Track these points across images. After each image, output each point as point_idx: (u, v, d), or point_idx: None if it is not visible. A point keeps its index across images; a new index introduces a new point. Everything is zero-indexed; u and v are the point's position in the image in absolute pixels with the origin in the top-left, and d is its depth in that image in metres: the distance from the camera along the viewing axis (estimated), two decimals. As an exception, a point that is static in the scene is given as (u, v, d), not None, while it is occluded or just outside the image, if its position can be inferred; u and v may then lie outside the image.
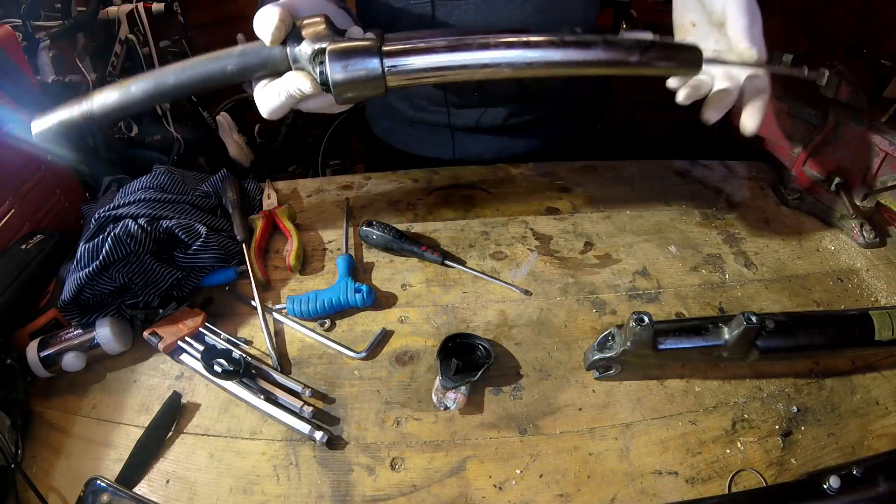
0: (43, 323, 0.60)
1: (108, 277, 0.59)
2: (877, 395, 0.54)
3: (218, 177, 0.76)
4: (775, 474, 0.48)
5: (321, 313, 0.61)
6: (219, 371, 0.53)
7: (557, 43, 0.46)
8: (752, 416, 0.52)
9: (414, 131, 0.93)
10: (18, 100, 0.69)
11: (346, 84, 0.46)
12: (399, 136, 0.96)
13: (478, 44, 0.46)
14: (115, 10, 1.70)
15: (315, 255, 0.71)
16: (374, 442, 0.51)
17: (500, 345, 0.59)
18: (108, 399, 0.56)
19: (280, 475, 0.49)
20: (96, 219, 0.61)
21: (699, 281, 0.66)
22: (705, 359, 0.53)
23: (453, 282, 0.66)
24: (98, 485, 0.45)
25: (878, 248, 0.71)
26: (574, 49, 0.47)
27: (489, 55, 0.46)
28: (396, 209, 0.78)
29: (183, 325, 0.59)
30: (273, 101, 0.49)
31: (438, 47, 0.46)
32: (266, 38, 0.47)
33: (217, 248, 0.64)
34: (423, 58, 0.46)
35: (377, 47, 0.46)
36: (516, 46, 0.46)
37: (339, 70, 0.46)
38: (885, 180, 0.67)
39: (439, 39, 0.47)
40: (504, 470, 0.49)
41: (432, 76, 0.47)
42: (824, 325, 0.53)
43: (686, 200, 0.79)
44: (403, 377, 0.57)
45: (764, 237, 0.73)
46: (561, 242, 0.71)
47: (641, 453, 0.50)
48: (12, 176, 0.68)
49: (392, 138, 0.98)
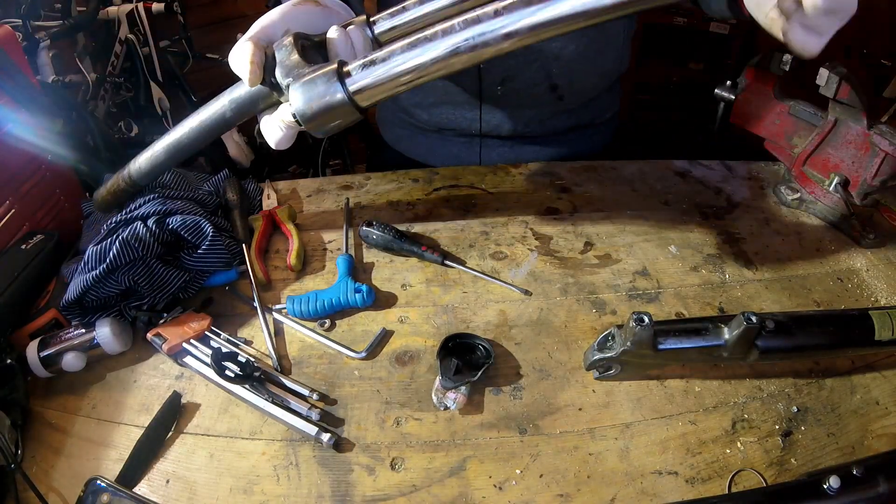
0: (43, 323, 0.60)
1: (114, 280, 0.59)
2: (877, 395, 0.54)
3: (219, 177, 0.76)
4: (775, 474, 0.48)
5: (321, 313, 0.61)
6: (231, 376, 0.53)
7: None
8: (752, 416, 0.52)
9: (433, 139, 0.91)
10: (18, 100, 0.69)
11: (314, 120, 0.44)
12: (411, 143, 0.95)
13: (441, 31, 0.41)
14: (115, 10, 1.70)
15: (315, 255, 0.71)
16: (374, 442, 0.51)
17: (500, 345, 0.59)
18: (108, 399, 0.56)
19: (280, 475, 0.49)
20: (108, 225, 0.61)
21: (699, 281, 0.66)
22: (705, 359, 0.53)
23: (453, 282, 0.66)
24: (98, 485, 0.45)
25: (878, 248, 0.71)
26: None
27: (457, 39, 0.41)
28: (396, 209, 0.78)
29: (188, 328, 0.59)
30: (276, 134, 0.49)
31: (399, 49, 0.42)
32: (247, 82, 0.47)
33: (224, 250, 0.64)
34: (386, 66, 0.42)
35: (335, 71, 0.43)
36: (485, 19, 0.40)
37: (303, 108, 0.43)
38: (885, 180, 0.67)
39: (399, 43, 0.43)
40: (504, 470, 0.49)
41: (408, 81, 0.43)
42: (824, 325, 0.53)
43: (686, 200, 0.79)
44: (403, 377, 0.57)
45: (764, 237, 0.73)
46: (561, 242, 0.71)
47: (641, 453, 0.50)
48: (12, 176, 0.68)
49: (403, 146, 0.97)
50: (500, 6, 0.41)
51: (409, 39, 0.43)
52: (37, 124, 0.71)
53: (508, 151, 0.90)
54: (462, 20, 0.41)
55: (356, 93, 0.43)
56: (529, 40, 0.41)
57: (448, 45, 0.41)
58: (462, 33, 0.41)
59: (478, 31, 0.41)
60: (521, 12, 0.40)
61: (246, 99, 0.51)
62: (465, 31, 0.41)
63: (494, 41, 0.41)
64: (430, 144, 0.92)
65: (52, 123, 0.72)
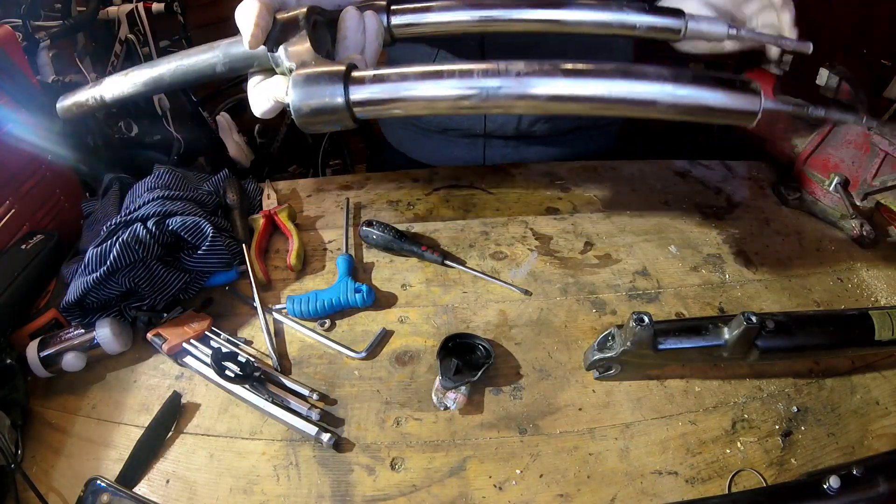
0: (43, 323, 0.60)
1: (114, 282, 0.59)
2: (877, 395, 0.54)
3: (219, 177, 0.76)
4: (775, 474, 0.48)
5: (321, 313, 0.61)
6: (231, 376, 0.53)
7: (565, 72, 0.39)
8: (752, 416, 0.52)
9: (437, 141, 0.91)
10: (18, 100, 0.69)
11: (306, 117, 0.42)
12: (414, 145, 0.94)
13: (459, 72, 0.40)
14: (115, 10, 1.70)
15: (315, 255, 0.71)
16: (374, 442, 0.51)
17: (500, 345, 0.59)
18: (108, 399, 0.56)
19: (280, 475, 0.49)
20: (108, 227, 0.61)
21: (699, 281, 0.66)
22: (705, 359, 0.53)
23: (453, 282, 0.66)
24: (98, 485, 0.45)
25: (877, 248, 0.71)
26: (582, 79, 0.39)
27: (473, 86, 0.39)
28: (396, 209, 0.78)
29: (189, 329, 0.59)
30: (262, 105, 0.47)
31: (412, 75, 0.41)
32: (245, 43, 0.44)
33: (224, 251, 0.64)
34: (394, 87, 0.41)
35: (341, 76, 0.41)
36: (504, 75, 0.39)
37: (299, 103, 0.41)
38: (885, 180, 0.67)
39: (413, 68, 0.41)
40: (504, 470, 0.49)
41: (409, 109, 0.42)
42: (824, 325, 0.53)
43: (686, 200, 0.79)
44: (403, 377, 0.57)
45: (764, 237, 0.73)
46: (561, 242, 0.71)
47: (641, 453, 0.50)
48: (12, 176, 0.68)
49: (406, 147, 0.96)
50: (523, 68, 0.40)
51: (425, 68, 0.41)
52: (37, 124, 0.71)
53: (512, 152, 0.90)
54: (483, 68, 0.40)
55: (357, 104, 0.42)
56: (542, 108, 0.41)
57: (462, 89, 0.40)
58: (480, 81, 0.40)
59: (495, 84, 0.40)
60: (540, 80, 0.39)
61: (241, 58, 0.48)
62: (483, 80, 0.40)
63: (507, 99, 0.40)
64: (434, 146, 0.92)
65: (52, 123, 0.72)
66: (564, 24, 0.52)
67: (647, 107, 0.39)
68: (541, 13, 0.52)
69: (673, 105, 0.39)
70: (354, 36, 0.49)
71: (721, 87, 0.40)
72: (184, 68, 0.52)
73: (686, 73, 0.40)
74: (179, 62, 0.52)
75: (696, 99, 0.40)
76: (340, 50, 0.49)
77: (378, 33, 0.51)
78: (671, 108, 0.39)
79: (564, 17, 0.52)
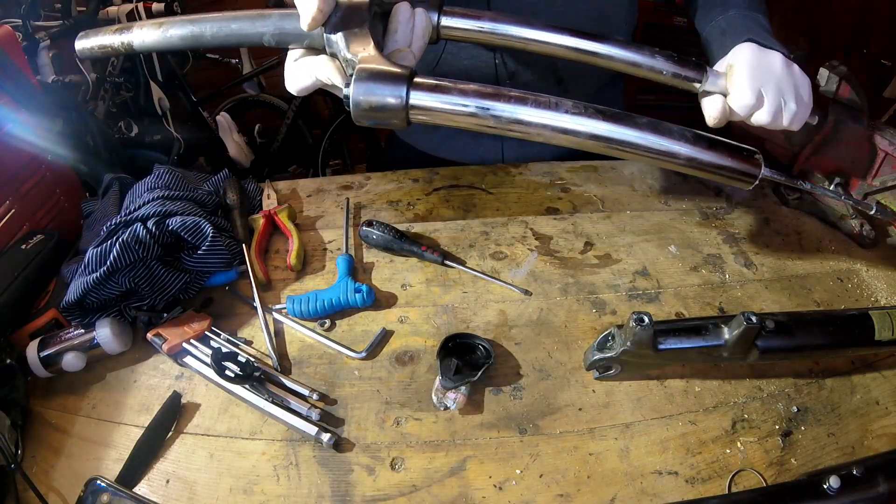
0: (43, 323, 0.60)
1: (114, 282, 0.59)
2: (877, 395, 0.55)
3: (219, 177, 0.76)
4: (775, 474, 0.48)
5: (321, 313, 0.61)
6: (231, 376, 0.53)
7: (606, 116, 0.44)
8: (752, 416, 0.52)
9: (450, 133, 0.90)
10: (18, 100, 0.69)
11: (363, 110, 0.44)
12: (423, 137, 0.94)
13: (515, 98, 0.43)
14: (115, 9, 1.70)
15: (315, 255, 0.71)
16: (374, 442, 0.51)
17: (500, 345, 0.59)
18: (108, 399, 0.56)
19: (280, 475, 0.49)
20: (108, 227, 0.61)
21: (699, 281, 0.66)
22: (705, 359, 0.53)
23: (453, 282, 0.66)
24: (98, 485, 0.45)
25: (877, 248, 0.71)
26: (620, 125, 0.44)
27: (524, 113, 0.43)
28: (396, 209, 0.78)
29: (189, 329, 0.59)
30: (303, 81, 0.48)
31: (471, 92, 0.44)
32: (304, 23, 0.45)
33: (224, 251, 0.64)
34: (452, 100, 0.43)
35: (406, 78, 0.43)
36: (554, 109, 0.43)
37: (360, 97, 0.43)
38: (885, 180, 0.67)
39: (472, 85, 0.44)
40: (504, 470, 0.49)
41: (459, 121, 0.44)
42: (824, 325, 0.53)
43: (686, 200, 0.79)
44: (403, 377, 0.57)
45: (764, 237, 0.73)
46: (561, 242, 0.71)
47: (641, 453, 0.50)
48: (12, 176, 0.68)
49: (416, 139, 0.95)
50: (571, 107, 0.44)
51: (483, 88, 0.44)
52: (37, 124, 0.71)
53: (515, 144, 0.90)
54: (536, 99, 0.43)
55: (414, 108, 0.44)
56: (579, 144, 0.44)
57: (513, 114, 0.43)
58: (531, 110, 0.43)
59: (546, 116, 0.43)
60: (584, 119, 0.44)
61: (293, 33, 0.49)
62: (535, 109, 0.43)
63: (553, 132, 0.44)
64: (441, 138, 0.93)
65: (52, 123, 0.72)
66: (598, 55, 0.56)
67: (668, 158, 0.45)
68: (584, 43, 0.55)
69: (689, 159, 0.46)
70: (404, 31, 0.50)
71: (730, 153, 0.47)
72: (228, 31, 0.51)
73: (703, 137, 0.46)
74: (224, 23, 0.51)
75: (710, 159, 0.46)
76: (389, 42, 0.50)
77: (426, 32, 0.52)
78: (688, 161, 0.46)
79: (601, 50, 0.55)
